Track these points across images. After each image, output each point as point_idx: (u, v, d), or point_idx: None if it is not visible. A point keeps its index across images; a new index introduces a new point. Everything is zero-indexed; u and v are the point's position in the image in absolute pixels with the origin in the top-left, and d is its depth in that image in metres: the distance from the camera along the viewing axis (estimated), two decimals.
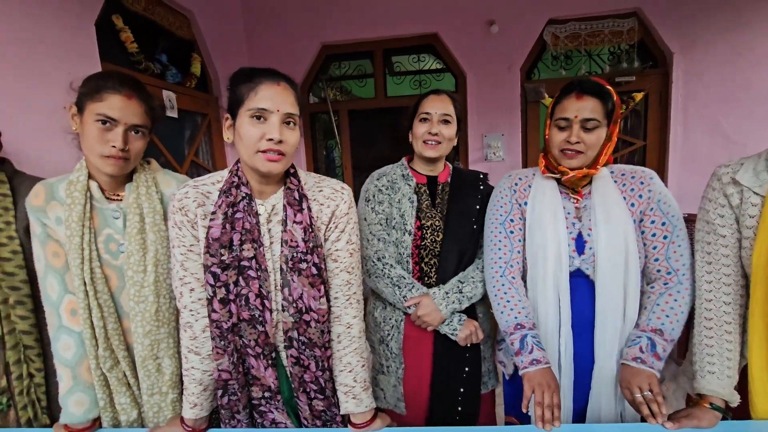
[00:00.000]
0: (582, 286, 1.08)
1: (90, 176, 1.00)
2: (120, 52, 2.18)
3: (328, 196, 0.96)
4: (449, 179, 1.34)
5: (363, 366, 0.98)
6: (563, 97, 1.05)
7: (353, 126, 3.68)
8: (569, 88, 1.04)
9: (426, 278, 1.27)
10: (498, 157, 3.40)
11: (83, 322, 0.97)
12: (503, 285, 1.11)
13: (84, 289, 0.96)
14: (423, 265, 1.27)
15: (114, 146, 0.93)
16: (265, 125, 0.86)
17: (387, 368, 1.30)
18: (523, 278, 1.16)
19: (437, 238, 1.26)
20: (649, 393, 0.92)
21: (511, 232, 1.15)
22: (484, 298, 1.32)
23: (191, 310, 0.94)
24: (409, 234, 1.25)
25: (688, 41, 3.01)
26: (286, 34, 3.48)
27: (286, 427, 1.01)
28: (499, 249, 1.15)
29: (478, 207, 1.29)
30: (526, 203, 1.15)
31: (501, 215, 1.17)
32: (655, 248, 1.06)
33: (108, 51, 2.02)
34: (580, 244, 1.08)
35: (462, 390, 1.27)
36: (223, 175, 0.96)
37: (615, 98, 1.02)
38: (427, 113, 1.27)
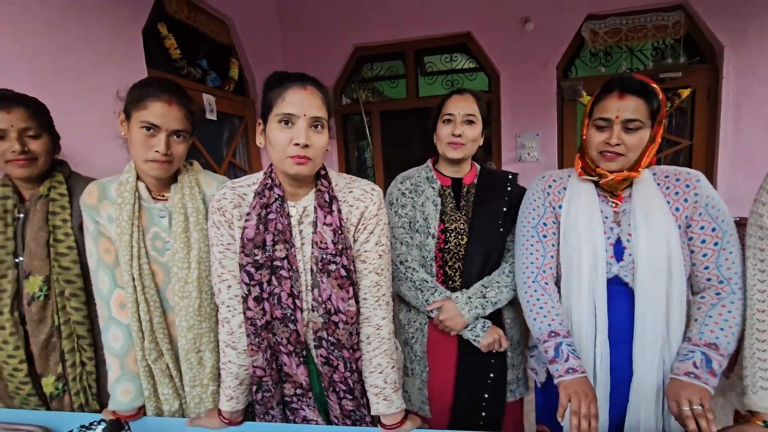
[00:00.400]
0: (620, 294, 1.04)
1: (138, 177, 1.06)
2: (164, 58, 2.30)
3: (358, 197, 0.97)
4: (476, 180, 1.32)
5: (393, 367, 0.98)
6: (604, 95, 1.01)
7: (385, 127, 3.70)
8: (610, 86, 1.00)
9: (450, 282, 1.26)
10: (532, 158, 3.32)
11: (131, 315, 1.03)
12: (535, 291, 1.09)
13: (132, 284, 1.02)
14: (447, 268, 1.26)
15: (157, 151, 0.99)
16: (292, 130, 0.87)
17: (412, 371, 1.30)
18: (557, 284, 1.12)
19: (461, 242, 1.25)
20: (699, 407, 0.87)
21: (544, 236, 1.12)
22: (514, 304, 1.29)
23: (228, 306, 0.98)
24: (433, 237, 1.24)
25: (740, 33, 2.83)
26: (319, 36, 3.54)
27: (316, 422, 1.03)
28: (531, 254, 1.12)
29: (505, 209, 1.26)
30: (560, 206, 1.12)
31: (533, 218, 1.14)
32: (704, 256, 1.00)
33: (153, 57, 2.13)
34: (618, 250, 1.04)
35: (486, 396, 1.25)
36: (258, 177, 0.99)
37: (660, 97, 0.97)
38: (450, 114, 1.25)
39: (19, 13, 1.46)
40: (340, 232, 0.92)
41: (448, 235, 1.25)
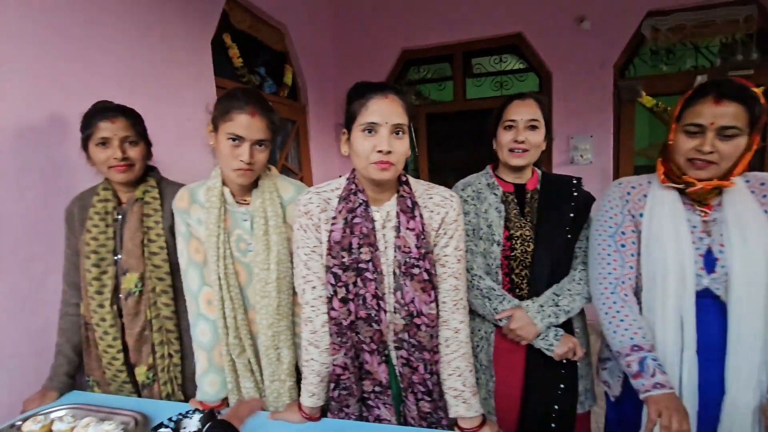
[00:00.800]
0: (710, 308, 0.99)
1: (223, 182, 1.13)
2: (226, 67, 2.41)
3: (438, 203, 0.99)
4: (539, 186, 1.29)
5: (471, 371, 0.99)
6: (698, 99, 0.96)
7: (431, 130, 3.70)
8: (705, 89, 0.95)
9: (517, 290, 1.24)
10: (585, 160, 3.22)
11: (217, 312, 1.10)
12: (615, 303, 1.06)
13: (219, 282, 1.09)
14: (513, 276, 1.24)
15: (242, 160, 1.04)
16: (375, 137, 0.91)
17: (477, 380, 1.29)
18: (636, 295, 1.09)
19: (528, 249, 1.23)
20: None
21: (623, 246, 1.09)
22: (581, 313, 1.27)
23: (312, 306, 1.02)
24: (498, 245, 1.23)
25: None
26: (369, 41, 3.59)
27: (389, 422, 1.05)
28: (609, 263, 1.09)
29: (572, 215, 1.23)
30: (641, 215, 1.08)
31: (611, 227, 1.11)
32: None
33: (217, 66, 2.24)
34: (709, 261, 0.99)
35: (556, 407, 1.22)
36: (340, 183, 1.03)
37: (762, 102, 0.92)
38: (512, 120, 1.23)
39: (111, 33, 1.59)
40: (422, 236, 0.95)
41: (514, 242, 1.24)
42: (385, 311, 0.97)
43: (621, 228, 1.09)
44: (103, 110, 1.17)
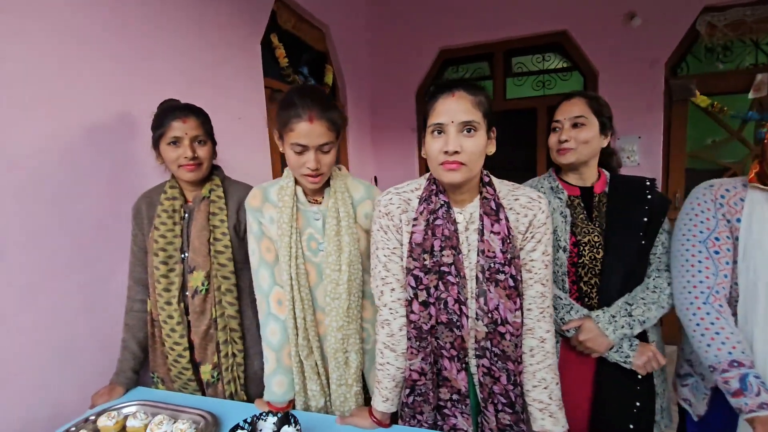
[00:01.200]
0: None
1: (296, 182, 1.12)
2: (272, 67, 2.43)
3: (525, 205, 0.95)
4: (607, 189, 1.23)
5: (557, 383, 0.94)
6: None
7: None
8: None
9: (586, 299, 1.18)
10: (633, 162, 3.09)
11: (288, 312, 1.09)
12: (708, 314, 0.99)
13: (290, 283, 1.08)
14: (582, 284, 1.18)
15: (308, 167, 1.03)
16: (443, 138, 0.88)
17: None
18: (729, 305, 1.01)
19: (597, 255, 1.16)
20: None
21: (716, 253, 1.02)
22: (657, 325, 1.19)
23: (390, 309, 0.99)
24: (564, 251, 1.17)
25: None
26: (407, 41, 3.56)
27: None
28: (700, 271, 1.02)
29: (646, 219, 1.16)
30: (738, 220, 1.01)
31: (701, 232, 1.04)
32: None
33: (264, 66, 2.25)
34: None
35: (632, 426, 1.15)
36: (420, 183, 1.00)
37: None
38: (556, 121, 1.21)
39: (171, 36, 1.61)
40: (508, 240, 0.90)
41: (582, 248, 1.18)
42: (467, 317, 0.93)
43: (714, 233, 1.02)
44: (174, 109, 1.18)
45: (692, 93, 2.87)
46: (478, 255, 0.92)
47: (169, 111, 1.18)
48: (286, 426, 0.90)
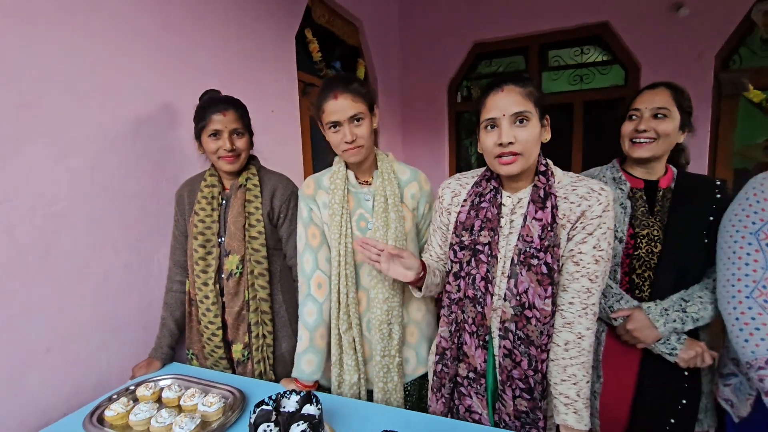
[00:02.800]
0: None
1: (347, 167, 1.19)
2: (305, 61, 2.47)
3: (582, 195, 0.93)
4: (673, 185, 1.18)
5: (588, 381, 0.93)
6: None
7: None
8: None
9: (637, 291, 1.16)
10: None
11: (332, 287, 1.16)
12: (750, 308, 0.94)
13: (338, 259, 1.14)
14: (634, 276, 1.16)
15: (346, 142, 1.09)
16: (495, 132, 0.91)
17: None
18: None
19: (654, 249, 1.14)
20: None
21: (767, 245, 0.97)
22: (710, 326, 1.15)
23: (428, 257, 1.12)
24: (620, 241, 1.15)
25: None
26: (440, 35, 3.54)
27: (480, 417, 1.02)
28: (747, 264, 0.97)
29: (712, 218, 1.12)
30: None
31: (752, 223, 0.99)
32: None
33: (298, 60, 2.30)
34: None
35: (673, 421, 1.12)
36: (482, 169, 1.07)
37: None
38: (636, 109, 1.16)
39: (211, 31, 1.68)
40: (549, 228, 0.91)
41: (639, 240, 1.15)
42: (492, 295, 0.96)
43: (766, 225, 0.97)
44: (215, 102, 1.24)
45: (745, 87, 2.70)
46: (518, 239, 0.94)
47: (210, 104, 1.24)
48: (308, 404, 0.93)
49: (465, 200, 1.03)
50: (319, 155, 2.53)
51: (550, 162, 0.99)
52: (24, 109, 1.06)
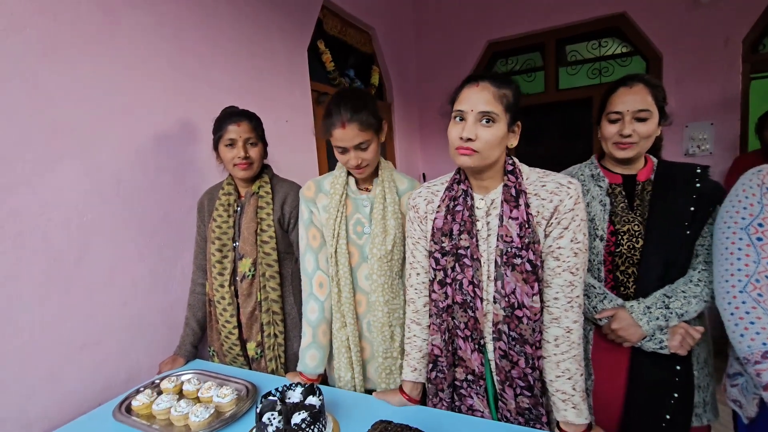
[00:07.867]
0: None
1: (348, 173, 1.24)
2: (319, 71, 2.57)
3: (552, 190, 0.93)
4: (652, 176, 1.17)
5: (582, 374, 0.93)
6: None
7: None
8: None
9: (622, 288, 1.15)
10: (704, 151, 2.83)
11: (331, 286, 1.22)
12: (744, 303, 0.92)
13: (332, 261, 1.20)
14: (618, 273, 1.15)
15: (350, 164, 1.16)
16: (461, 125, 0.92)
17: None
18: None
19: (636, 245, 1.12)
20: None
21: (759, 239, 0.95)
22: (701, 318, 1.13)
23: (416, 289, 1.09)
24: (601, 240, 1.14)
25: None
26: (453, 37, 3.56)
27: (482, 414, 1.04)
28: (739, 259, 0.95)
29: (693, 208, 1.09)
30: None
31: (744, 218, 0.97)
32: None
33: (311, 70, 2.39)
34: None
35: (668, 417, 1.10)
36: (450, 175, 1.08)
37: None
38: (617, 112, 1.13)
39: (224, 49, 1.79)
40: (527, 226, 0.92)
41: (620, 237, 1.14)
42: (482, 299, 0.97)
43: (758, 219, 0.95)
44: (231, 115, 1.34)
45: None
46: (497, 240, 0.95)
47: (226, 116, 1.34)
48: (311, 396, 0.99)
49: (439, 206, 1.03)
50: (333, 161, 2.61)
51: (516, 160, 1.00)
52: (57, 131, 1.19)
